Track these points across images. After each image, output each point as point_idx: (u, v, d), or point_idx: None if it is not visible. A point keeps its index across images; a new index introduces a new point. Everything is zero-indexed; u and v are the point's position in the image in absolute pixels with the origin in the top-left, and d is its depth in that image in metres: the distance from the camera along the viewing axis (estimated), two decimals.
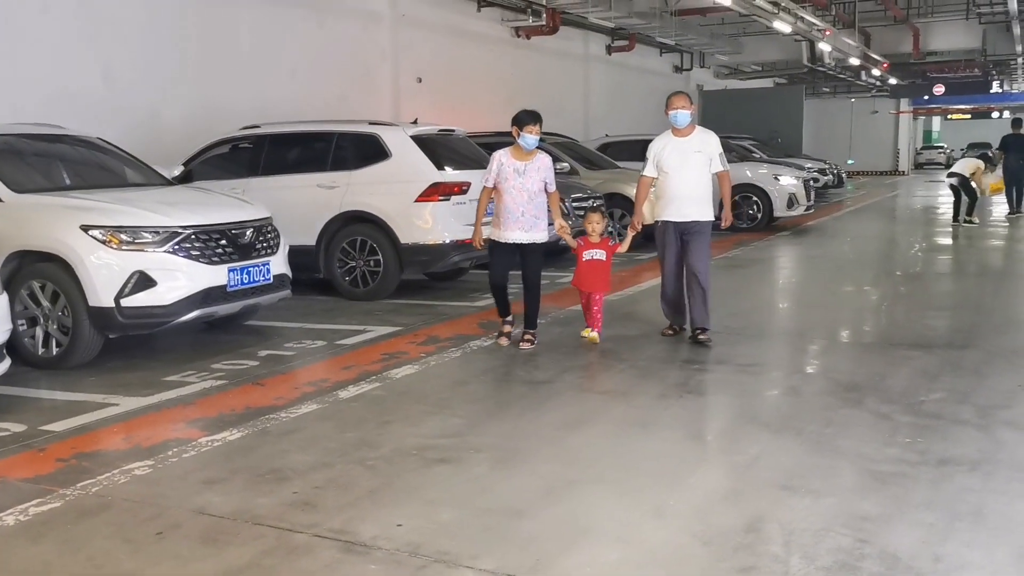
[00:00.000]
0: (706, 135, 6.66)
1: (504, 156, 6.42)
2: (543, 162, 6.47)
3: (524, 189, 6.34)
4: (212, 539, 3.41)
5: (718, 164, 6.61)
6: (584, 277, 6.64)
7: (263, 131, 9.48)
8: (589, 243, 6.64)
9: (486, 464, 4.24)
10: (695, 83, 28.32)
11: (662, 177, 6.57)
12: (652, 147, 6.63)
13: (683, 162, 6.49)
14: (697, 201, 6.53)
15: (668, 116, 6.55)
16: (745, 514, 3.59)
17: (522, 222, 6.35)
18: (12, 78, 9.36)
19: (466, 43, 17.22)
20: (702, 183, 6.57)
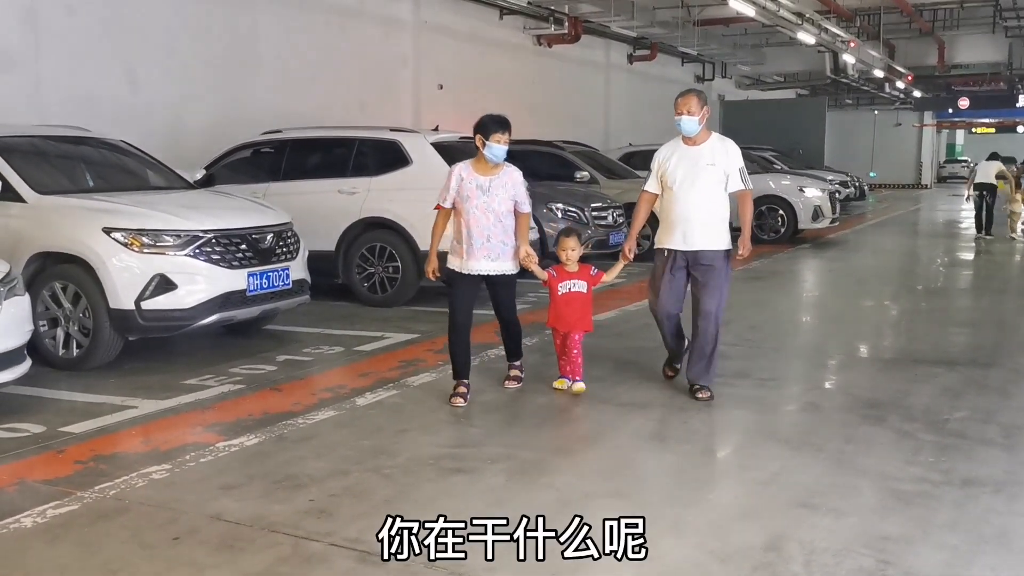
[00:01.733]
0: (723, 144, 5.45)
1: (464, 170, 5.34)
2: (512, 177, 5.36)
3: (489, 209, 5.26)
4: (228, 545, 3.40)
5: (737, 181, 5.36)
6: (560, 314, 5.57)
7: (285, 136, 9.52)
8: (564, 273, 5.58)
9: (502, 475, 4.22)
10: (716, 93, 28.24)
11: (667, 194, 5.44)
12: (657, 156, 5.54)
13: (693, 176, 5.31)
14: (708, 225, 5.33)
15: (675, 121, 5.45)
16: (764, 532, 3.54)
17: (487, 249, 5.27)
18: (37, 82, 9.45)
19: (488, 50, 17.24)
20: (715, 203, 5.34)
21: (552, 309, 5.59)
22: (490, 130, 5.26)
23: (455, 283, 5.42)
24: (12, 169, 6.30)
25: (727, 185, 5.34)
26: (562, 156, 12.88)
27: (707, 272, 5.35)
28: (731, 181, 5.35)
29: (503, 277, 5.41)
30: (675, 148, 5.47)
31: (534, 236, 9.56)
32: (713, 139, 5.46)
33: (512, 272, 5.43)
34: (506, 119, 5.34)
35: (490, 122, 5.29)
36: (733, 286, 6.53)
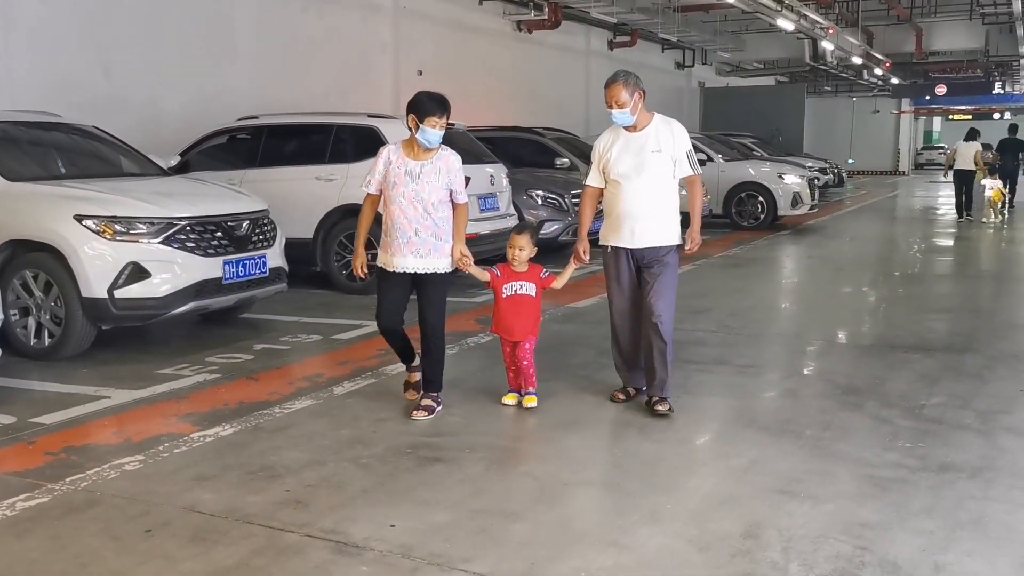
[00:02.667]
0: (668, 127, 4.88)
1: (393, 153, 4.74)
2: (447, 162, 4.72)
3: (418, 199, 4.64)
4: (201, 538, 3.35)
5: (686, 166, 4.87)
6: (504, 319, 4.96)
7: (261, 122, 9.42)
8: (511, 273, 4.98)
9: (481, 464, 4.19)
10: (697, 80, 28.26)
11: (611, 187, 4.91)
12: (596, 146, 5.01)
13: (638, 166, 4.80)
14: (657, 219, 4.83)
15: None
16: (743, 519, 3.53)
17: (415, 244, 4.67)
18: (10, 69, 9.28)
19: (467, 36, 17.14)
20: (664, 194, 4.84)
21: (496, 313, 5.01)
22: (425, 111, 4.59)
23: (381, 282, 4.84)
24: None
25: (675, 171, 4.85)
26: (542, 143, 12.82)
27: (658, 270, 4.83)
28: (679, 167, 4.85)
29: (434, 276, 4.75)
30: (616, 136, 4.92)
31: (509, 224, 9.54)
32: (656, 122, 4.90)
33: (443, 271, 4.77)
34: (445, 99, 4.67)
35: (427, 101, 4.62)
36: (712, 273, 6.50)
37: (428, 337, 4.82)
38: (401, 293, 4.81)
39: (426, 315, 4.82)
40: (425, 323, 4.82)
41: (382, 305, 4.83)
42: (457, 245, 4.77)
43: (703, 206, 6.02)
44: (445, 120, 4.65)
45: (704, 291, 8.69)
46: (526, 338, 4.98)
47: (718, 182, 14.80)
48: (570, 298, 7.67)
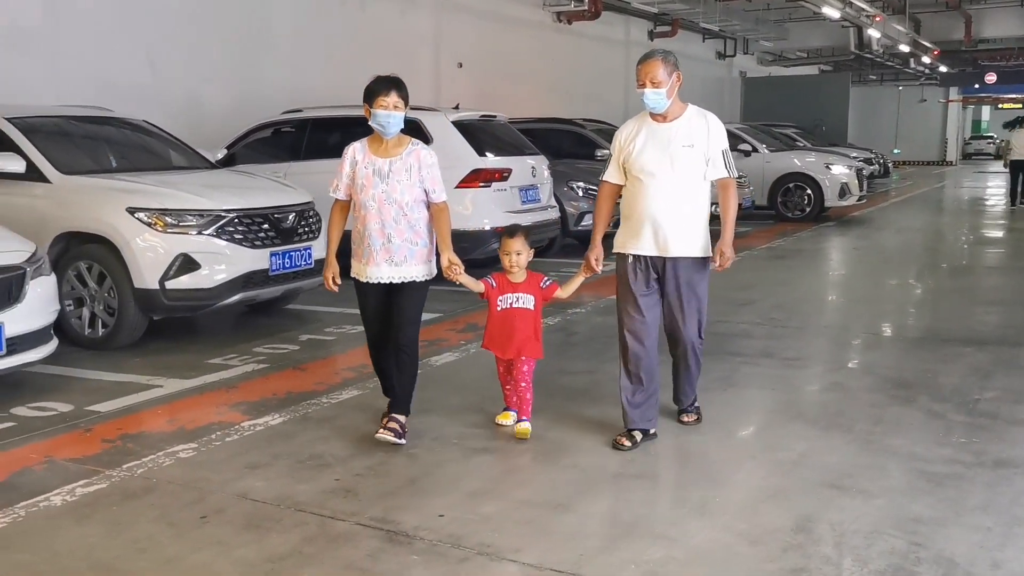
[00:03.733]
0: (704, 120, 4.22)
1: (359, 151, 4.31)
2: (419, 158, 4.24)
3: (389, 200, 4.18)
4: (255, 525, 3.41)
5: (720, 167, 4.20)
6: (497, 335, 4.42)
7: (305, 115, 9.50)
8: (507, 283, 4.42)
9: (527, 455, 4.21)
10: (738, 70, 27.94)
11: (632, 185, 4.26)
12: (617, 137, 4.35)
13: (665, 161, 4.14)
14: (685, 224, 4.17)
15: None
16: (793, 513, 3.51)
17: (388, 251, 4.22)
18: (56, 63, 9.45)
19: (507, 28, 17.11)
20: (694, 195, 4.19)
21: (488, 327, 4.45)
22: (372, 92, 4.18)
23: (359, 295, 4.41)
24: (36, 149, 6.31)
25: (707, 172, 4.19)
26: (582, 134, 12.78)
27: (683, 287, 4.21)
28: (712, 167, 4.18)
29: (410, 286, 4.28)
30: (641, 125, 4.25)
31: (551, 216, 9.53)
32: (690, 113, 4.23)
33: (420, 279, 4.31)
34: (395, 77, 4.24)
35: (373, 82, 4.22)
36: (756, 265, 6.40)
37: (401, 352, 4.32)
38: (379, 305, 4.38)
39: (399, 329, 4.30)
40: (398, 337, 4.31)
41: (365, 320, 4.46)
42: (444, 252, 4.22)
43: (745, 198, 5.76)
44: (397, 100, 4.15)
45: (748, 283, 8.61)
46: (520, 355, 4.39)
47: (763, 173, 14.64)
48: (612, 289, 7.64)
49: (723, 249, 4.22)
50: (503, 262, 4.43)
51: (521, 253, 4.38)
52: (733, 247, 4.28)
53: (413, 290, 4.31)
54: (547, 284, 4.47)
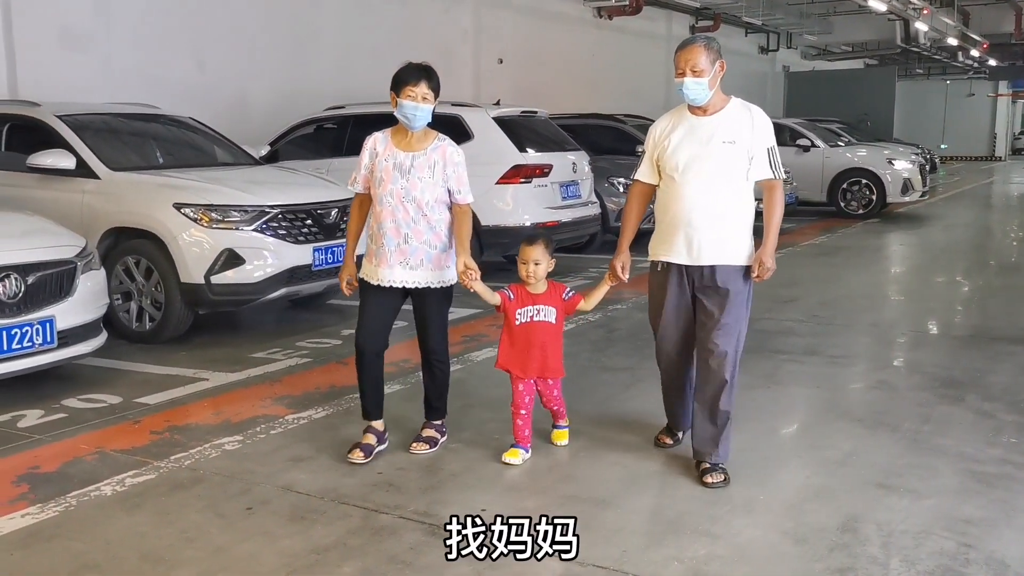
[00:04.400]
0: (748, 113, 3.78)
1: (380, 143, 4.00)
2: (444, 154, 3.96)
3: (408, 198, 3.90)
4: (300, 517, 3.45)
5: (765, 166, 3.75)
6: (515, 352, 4.02)
7: (347, 111, 9.57)
8: (525, 294, 4.01)
9: (569, 450, 4.20)
10: (781, 64, 27.62)
11: (666, 185, 3.86)
12: (652, 132, 3.94)
13: (703, 158, 3.72)
14: (724, 229, 3.74)
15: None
16: (839, 513, 3.46)
17: (405, 252, 3.93)
18: (108, 61, 9.62)
19: (548, 24, 17.08)
20: (735, 197, 3.75)
21: (504, 343, 4.05)
22: (400, 81, 3.89)
23: (364, 296, 4.08)
24: (86, 146, 6.44)
25: (750, 171, 3.74)
26: (623, 130, 12.72)
27: (720, 298, 3.76)
28: (756, 166, 3.73)
29: (429, 291, 4.01)
30: (678, 120, 3.85)
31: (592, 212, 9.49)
32: (733, 107, 3.81)
33: (442, 286, 4.03)
34: (426, 66, 3.95)
35: (401, 70, 3.93)
36: (800, 261, 6.30)
37: (430, 361, 4.17)
38: (386, 311, 4.06)
39: (424, 337, 4.12)
40: (425, 346, 4.16)
41: (362, 324, 4.06)
42: (460, 256, 3.88)
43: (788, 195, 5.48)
44: (426, 91, 3.85)
45: (792, 280, 8.51)
46: (541, 375, 4.05)
47: (822, 168, 14.45)
48: None
49: (763, 258, 3.72)
50: (520, 272, 3.98)
51: (540, 263, 3.95)
52: (774, 257, 3.80)
53: (436, 296, 4.05)
54: (570, 295, 4.07)
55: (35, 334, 4.75)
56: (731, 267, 3.76)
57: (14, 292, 4.68)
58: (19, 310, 4.70)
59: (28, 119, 6.80)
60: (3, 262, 4.68)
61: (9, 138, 6.93)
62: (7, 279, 4.66)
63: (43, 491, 3.69)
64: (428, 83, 3.87)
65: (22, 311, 4.71)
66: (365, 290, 4.06)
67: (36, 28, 8.96)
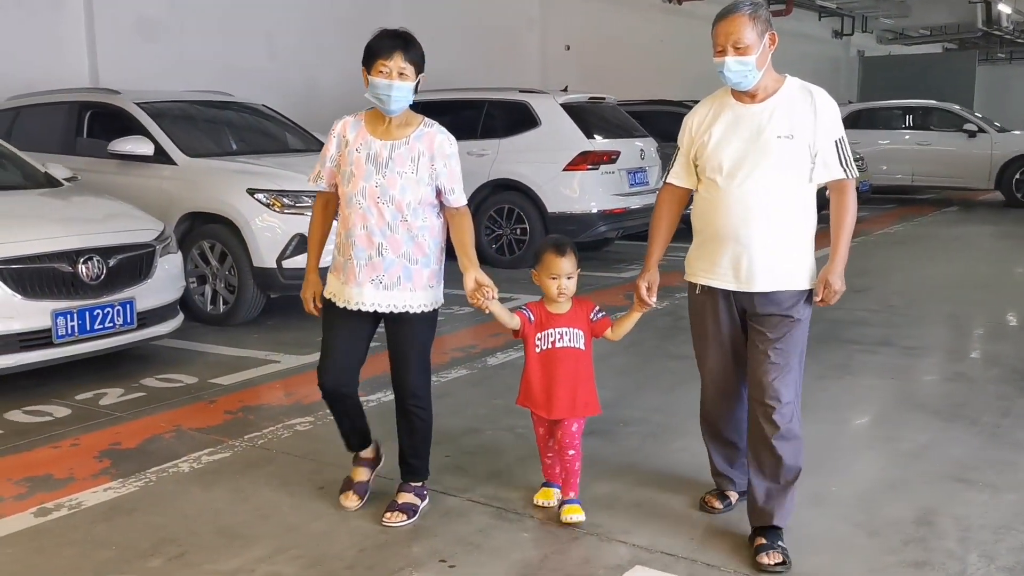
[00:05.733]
0: (807, 99, 3.02)
1: (351, 128, 3.23)
2: (433, 143, 3.19)
3: (385, 198, 3.13)
4: (371, 498, 3.50)
5: (833, 164, 3.00)
6: (539, 385, 3.31)
7: (415, 99, 9.61)
8: (547, 315, 3.33)
9: (636, 438, 4.18)
10: (856, 49, 26.93)
11: (706, 190, 3.12)
12: (687, 124, 3.20)
13: (752, 157, 2.99)
14: (779, 246, 3.01)
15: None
16: (915, 506, 3.39)
17: (378, 267, 3.17)
18: (182, 50, 9.85)
19: (615, 9, 16.93)
20: (790, 205, 3.01)
21: (526, 376, 3.35)
22: (371, 54, 3.11)
23: (328, 320, 3.32)
24: (164, 133, 6.61)
25: (814, 171, 2.99)
26: None
27: (777, 330, 3.03)
28: (822, 164, 2.99)
29: (407, 317, 3.23)
30: (720, 108, 3.11)
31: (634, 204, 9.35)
32: (789, 90, 3.04)
33: (424, 311, 3.26)
34: (402, 33, 3.15)
35: (373, 43, 3.13)
36: (873, 251, 6.15)
37: (406, 406, 3.34)
38: (354, 341, 3.31)
39: (399, 375, 3.32)
40: (400, 386, 3.34)
41: (325, 357, 3.32)
42: (470, 270, 3.17)
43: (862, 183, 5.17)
44: (403, 63, 3.07)
45: (865, 269, 8.31)
46: (572, 415, 3.30)
47: (991, 156, 14.03)
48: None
49: (829, 278, 3.00)
50: (547, 288, 3.28)
51: (572, 277, 3.27)
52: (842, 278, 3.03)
53: (416, 323, 3.25)
54: (599, 317, 3.37)
55: (116, 315, 4.91)
56: (790, 293, 3.02)
57: (96, 274, 4.84)
58: (101, 292, 4.86)
59: (109, 106, 7.01)
60: (86, 245, 4.85)
61: (91, 125, 7.16)
62: (90, 261, 4.82)
63: (124, 466, 3.82)
64: (405, 55, 3.08)
65: (104, 293, 4.87)
66: (329, 312, 3.30)
67: (115, 18, 9.22)
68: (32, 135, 7.12)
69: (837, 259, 3.02)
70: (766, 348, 3.04)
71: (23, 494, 3.55)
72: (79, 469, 3.81)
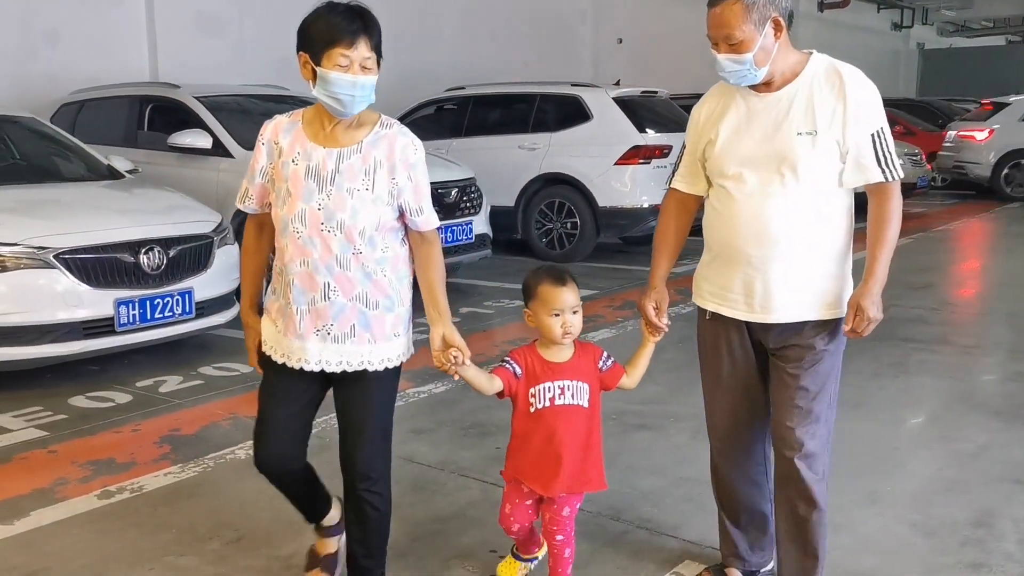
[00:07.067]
0: (835, 83, 2.44)
1: (284, 131, 2.51)
2: (393, 148, 2.46)
3: (332, 223, 2.38)
4: (421, 487, 3.55)
5: (870, 163, 2.42)
6: (534, 454, 2.58)
7: (467, 92, 9.68)
8: (542, 364, 2.58)
9: (686, 433, 4.17)
10: (915, 42, 26.37)
11: (716, 197, 2.59)
12: (695, 117, 2.65)
13: (766, 158, 2.45)
14: (802, 267, 2.48)
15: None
16: (972, 507, 3.33)
17: (324, 314, 2.43)
18: (240, 45, 10.03)
19: (667, 2, 16.75)
20: (820, 216, 2.46)
21: (514, 442, 2.65)
22: (324, 39, 2.34)
23: (265, 378, 2.62)
24: (222, 126, 6.74)
25: (845, 173, 2.43)
26: None
27: (797, 363, 2.52)
28: (854, 164, 2.42)
29: (363, 378, 2.48)
30: (729, 99, 2.55)
31: None
32: (812, 72, 2.47)
33: (387, 367, 2.50)
34: (360, 10, 2.39)
35: (322, 23, 2.36)
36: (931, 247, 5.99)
37: (358, 492, 2.56)
38: (298, 406, 2.57)
39: (350, 446, 2.53)
40: (349, 461, 2.54)
41: (262, 428, 2.61)
42: (438, 324, 2.49)
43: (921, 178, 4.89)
44: (367, 52, 2.36)
45: (924, 266, 8.15)
46: (573, 490, 2.58)
47: None
48: None
49: (861, 302, 2.40)
50: (548, 329, 2.52)
51: (578, 311, 2.53)
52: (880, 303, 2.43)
53: (375, 384, 2.49)
54: (608, 365, 2.62)
55: (175, 304, 5.03)
56: (816, 322, 2.50)
57: (157, 264, 4.97)
58: (162, 281, 4.98)
59: (169, 100, 7.17)
60: (148, 236, 4.97)
61: (151, 118, 7.33)
62: (151, 252, 4.94)
63: (183, 452, 3.92)
64: (369, 41, 2.36)
65: (164, 282, 4.99)
66: (266, 370, 2.58)
67: (175, 13, 9.42)
68: (95, 128, 7.32)
69: (873, 280, 2.42)
70: (787, 389, 2.53)
71: (87, 477, 3.67)
72: (140, 454, 3.92)
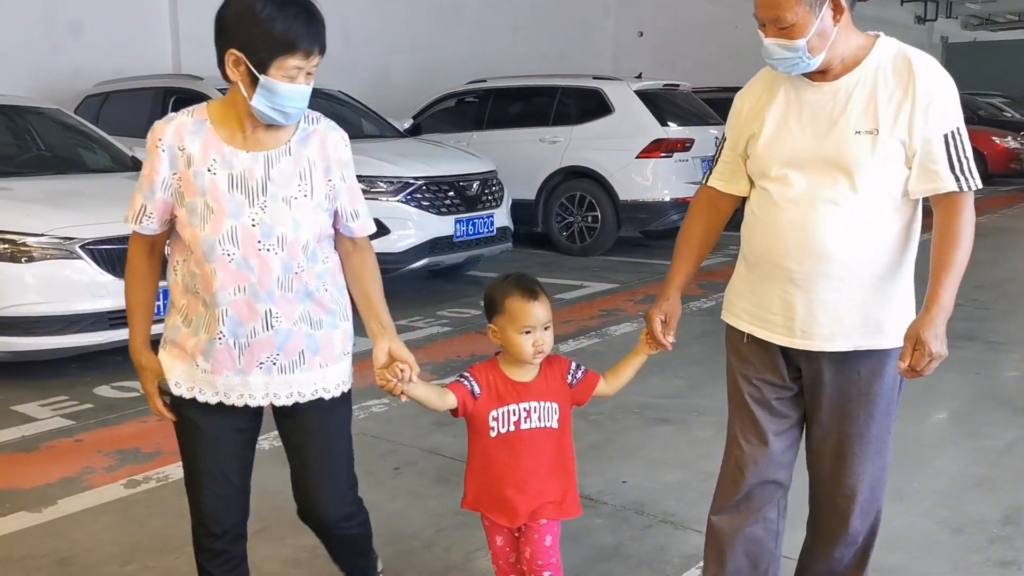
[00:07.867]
0: (903, 71, 2.07)
1: (190, 134, 2.04)
2: (325, 144, 2.12)
3: (270, 240, 2.02)
4: (444, 479, 3.55)
5: (942, 168, 2.03)
6: (496, 483, 2.31)
7: (489, 85, 9.67)
8: (505, 384, 2.30)
9: (710, 428, 4.14)
10: (939, 35, 26.10)
11: (758, 200, 2.23)
12: (737, 108, 2.30)
13: (820, 158, 2.08)
14: (851, 289, 2.11)
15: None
16: (1001, 504, 3.30)
17: (268, 344, 2.10)
18: None
19: None
20: (874, 228, 2.08)
21: (472, 469, 2.39)
22: (279, 45, 1.96)
23: (183, 428, 2.21)
24: None
25: (911, 181, 2.08)
26: None
27: (851, 404, 2.22)
28: (922, 170, 2.06)
29: (318, 407, 2.22)
30: (780, 86, 2.22)
31: None
32: (877, 58, 2.13)
33: (343, 391, 2.30)
34: (312, 12, 2.01)
35: (279, 26, 1.94)
36: None
37: (334, 529, 2.38)
38: (231, 454, 2.25)
39: (315, 486, 2.31)
40: (316, 502, 2.33)
41: (198, 493, 2.24)
42: (382, 338, 2.21)
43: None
44: (317, 58, 2.03)
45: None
46: (539, 516, 2.28)
47: None
48: None
49: (922, 334, 1.99)
50: (517, 347, 2.24)
51: (549, 327, 2.25)
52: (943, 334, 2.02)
53: (333, 411, 2.26)
54: (579, 378, 2.38)
55: None
56: (870, 352, 2.15)
57: None
58: None
59: (192, 92, 7.19)
60: None
61: (175, 110, 7.31)
62: None
63: None
64: (321, 49, 2.03)
65: None
66: (184, 415, 2.18)
67: (198, 5, 9.42)
68: (119, 119, 7.37)
69: (937, 308, 2.01)
70: (844, 430, 2.22)
71: (113, 465, 3.69)
72: (165, 443, 3.93)
